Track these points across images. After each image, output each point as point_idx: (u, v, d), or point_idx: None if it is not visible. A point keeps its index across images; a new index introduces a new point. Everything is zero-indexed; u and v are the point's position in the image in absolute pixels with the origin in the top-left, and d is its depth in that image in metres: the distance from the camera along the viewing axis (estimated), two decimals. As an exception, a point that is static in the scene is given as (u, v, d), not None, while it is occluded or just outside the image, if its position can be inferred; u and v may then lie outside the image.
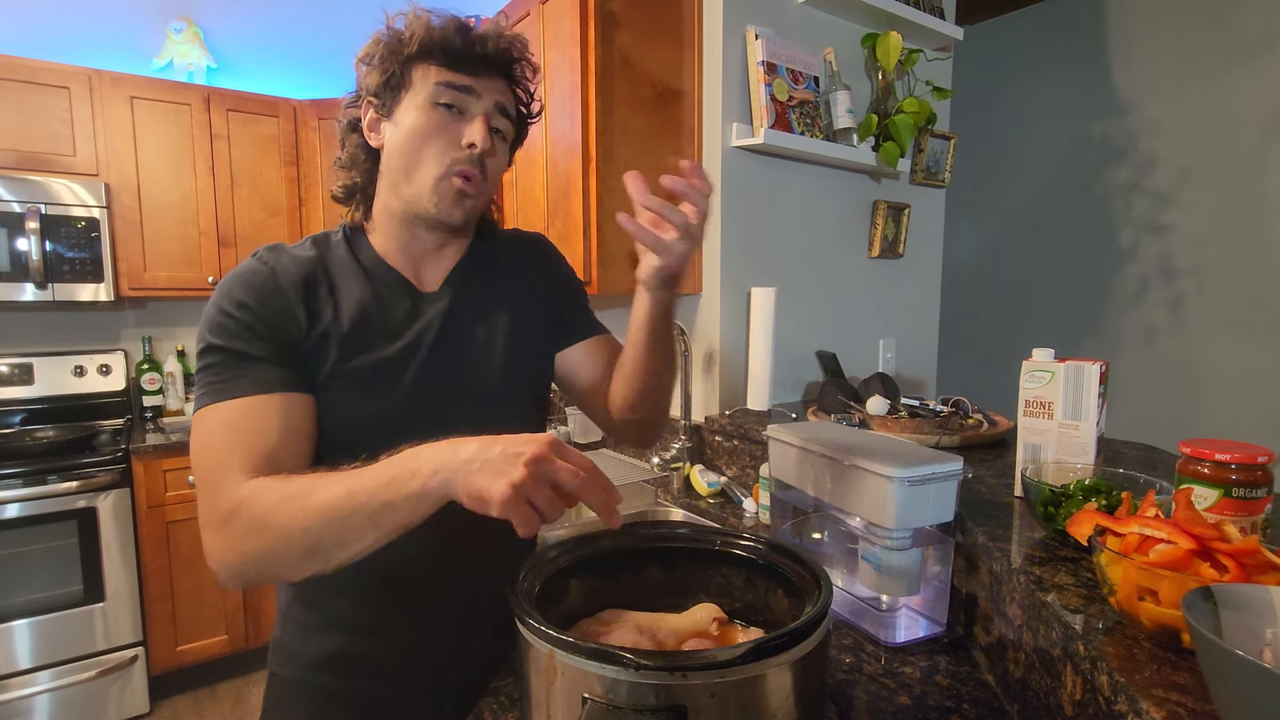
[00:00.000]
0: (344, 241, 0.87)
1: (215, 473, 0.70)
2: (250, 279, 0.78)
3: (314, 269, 0.82)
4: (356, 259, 0.86)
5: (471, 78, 0.81)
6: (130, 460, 2.35)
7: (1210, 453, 0.69)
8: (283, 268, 0.80)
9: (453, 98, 0.80)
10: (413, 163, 0.81)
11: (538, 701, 0.57)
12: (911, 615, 0.96)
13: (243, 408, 0.72)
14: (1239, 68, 2.30)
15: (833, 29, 1.92)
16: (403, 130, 0.81)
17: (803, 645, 0.55)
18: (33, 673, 2.21)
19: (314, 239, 0.87)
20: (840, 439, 0.97)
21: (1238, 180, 2.32)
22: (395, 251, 0.87)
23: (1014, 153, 2.99)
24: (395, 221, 0.86)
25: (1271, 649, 0.48)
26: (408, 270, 0.87)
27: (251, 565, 0.67)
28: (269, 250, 0.83)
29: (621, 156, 1.66)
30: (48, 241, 2.38)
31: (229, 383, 0.73)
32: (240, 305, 0.76)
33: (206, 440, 0.72)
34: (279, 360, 0.76)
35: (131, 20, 2.77)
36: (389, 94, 0.82)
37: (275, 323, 0.76)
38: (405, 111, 0.81)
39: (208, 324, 0.76)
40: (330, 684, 0.86)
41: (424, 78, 0.80)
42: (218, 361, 0.75)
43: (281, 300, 0.78)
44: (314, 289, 0.80)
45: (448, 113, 0.80)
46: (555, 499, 0.56)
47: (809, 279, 1.96)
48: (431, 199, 0.82)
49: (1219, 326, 2.39)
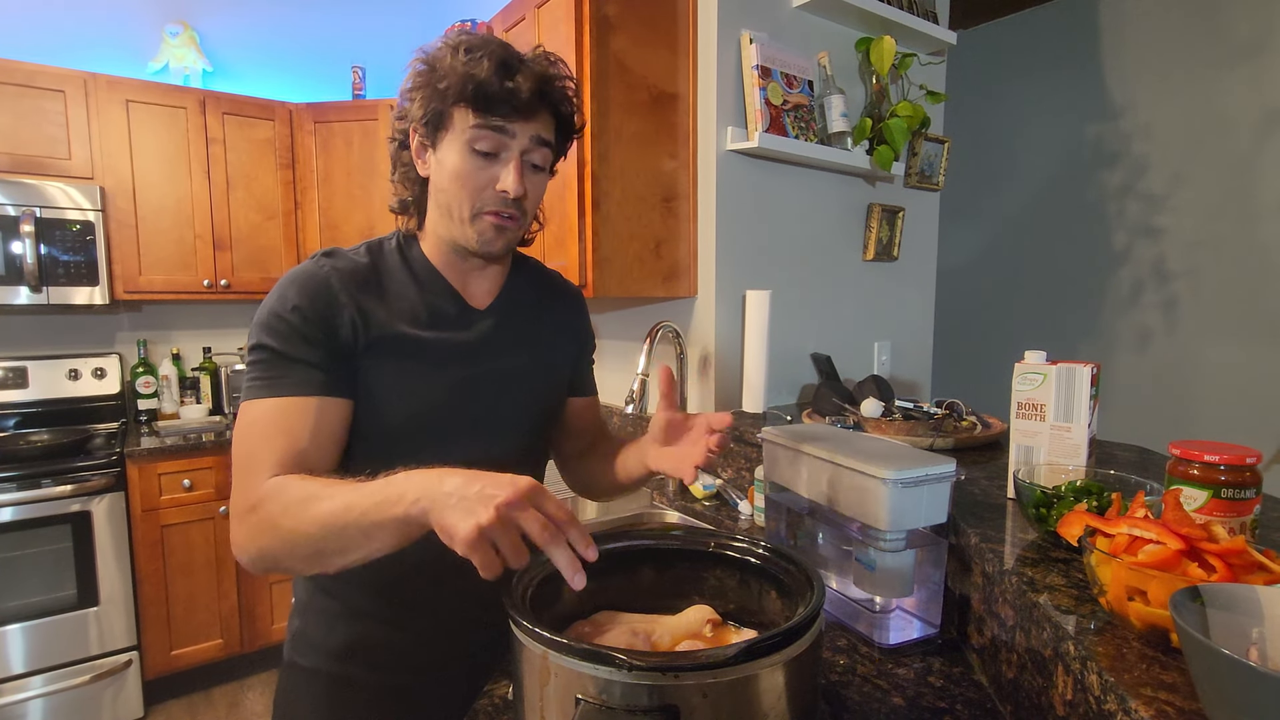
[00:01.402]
0: (397, 249, 0.90)
1: (247, 465, 0.75)
2: (306, 282, 0.81)
3: (368, 274, 0.85)
4: (409, 266, 0.89)
5: (506, 121, 0.82)
6: (125, 464, 2.34)
7: (1199, 454, 0.69)
8: (338, 272, 0.83)
9: (488, 144, 0.82)
10: (452, 201, 0.84)
11: (531, 703, 0.57)
12: (905, 617, 0.96)
13: (282, 407, 0.77)
14: (1231, 71, 2.31)
15: (827, 33, 1.93)
16: (444, 170, 0.83)
17: (795, 646, 0.55)
18: (26, 677, 2.20)
19: (368, 245, 0.90)
20: (835, 441, 0.98)
21: (1230, 183, 2.34)
22: (444, 265, 0.90)
23: (1008, 156, 3.00)
24: (443, 242, 0.89)
25: (1258, 648, 0.49)
26: (457, 283, 0.91)
27: (267, 558, 0.72)
28: (325, 255, 0.86)
29: (617, 160, 1.66)
30: (42, 245, 2.37)
31: (273, 381, 0.77)
32: (294, 309, 0.79)
33: (245, 432, 0.77)
34: (323, 364, 0.79)
35: (127, 24, 2.77)
36: (431, 129, 0.84)
37: (325, 326, 0.80)
38: (446, 150, 0.83)
39: (261, 323, 0.80)
40: (350, 673, 0.89)
41: (462, 119, 0.82)
42: (265, 359, 0.78)
43: (333, 304, 0.81)
44: (367, 293, 0.84)
45: (482, 158, 0.82)
46: (520, 546, 0.56)
47: (804, 282, 1.96)
48: (471, 235, 0.85)
49: (1212, 329, 2.40)
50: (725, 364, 1.83)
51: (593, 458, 1.05)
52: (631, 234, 1.71)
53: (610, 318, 2.23)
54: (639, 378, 1.63)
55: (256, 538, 0.71)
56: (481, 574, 0.55)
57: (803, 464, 1.00)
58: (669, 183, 1.77)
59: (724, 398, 1.83)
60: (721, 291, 1.80)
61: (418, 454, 0.72)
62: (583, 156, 1.63)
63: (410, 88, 0.85)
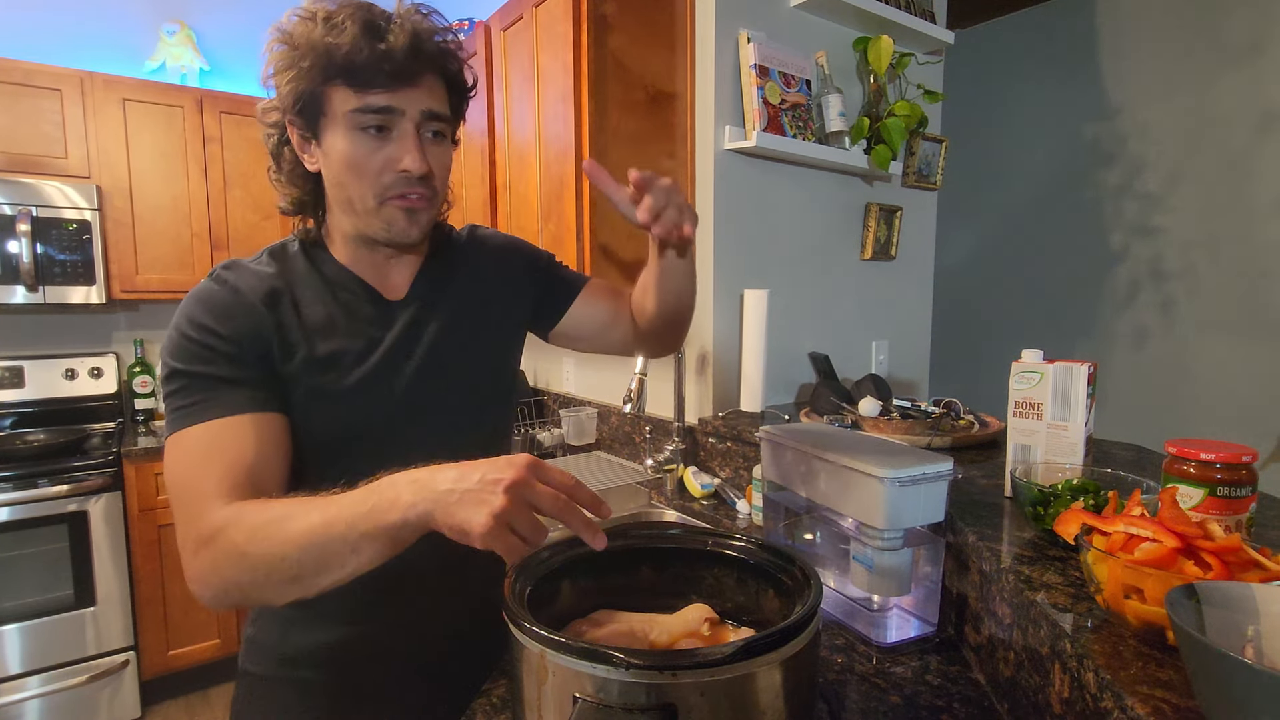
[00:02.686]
0: (302, 253, 0.84)
1: (192, 498, 0.68)
2: (210, 299, 0.75)
3: (276, 283, 0.79)
4: (318, 270, 0.83)
5: (390, 94, 0.74)
6: (122, 463, 2.34)
7: (1195, 452, 0.70)
8: (244, 284, 0.77)
9: (375, 120, 0.74)
10: (352, 193, 0.77)
11: (529, 701, 0.57)
12: (903, 615, 0.96)
13: (215, 430, 0.70)
14: (1228, 71, 2.32)
15: (824, 33, 1.93)
16: (334, 160, 0.76)
17: (793, 644, 0.55)
18: (22, 678, 2.19)
19: (270, 252, 0.84)
20: (832, 440, 0.98)
21: (1227, 183, 2.34)
22: (355, 261, 0.84)
23: (1005, 155, 3.01)
24: (349, 238, 0.83)
25: (1253, 645, 0.49)
26: (372, 278, 0.85)
27: (234, 591, 0.65)
28: (225, 269, 0.79)
29: (615, 159, 1.66)
30: (39, 244, 2.37)
31: (198, 406, 0.71)
32: (201, 328, 0.73)
33: (181, 465, 0.70)
34: (247, 380, 0.73)
35: (124, 22, 2.76)
36: (307, 117, 0.76)
37: (240, 341, 0.74)
38: (330, 137, 0.75)
39: (169, 348, 0.74)
40: (307, 677, 0.85)
41: (339, 99, 0.74)
42: (183, 386, 0.72)
43: (246, 318, 0.75)
44: (278, 304, 0.78)
45: (374, 136, 0.75)
46: (538, 524, 0.55)
47: (802, 281, 1.96)
48: (379, 226, 0.79)
49: (1209, 328, 2.41)
50: (723, 363, 1.83)
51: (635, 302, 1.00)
52: (630, 233, 1.71)
53: (608, 317, 2.22)
54: (636, 377, 1.63)
55: (219, 570, 0.64)
56: (507, 560, 0.54)
57: (800, 463, 1.00)
58: (667, 182, 1.77)
59: (721, 397, 1.83)
60: (719, 291, 1.80)
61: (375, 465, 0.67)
62: (580, 156, 1.63)
63: (273, 72, 0.75)
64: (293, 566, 0.60)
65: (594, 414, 2.19)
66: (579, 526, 0.56)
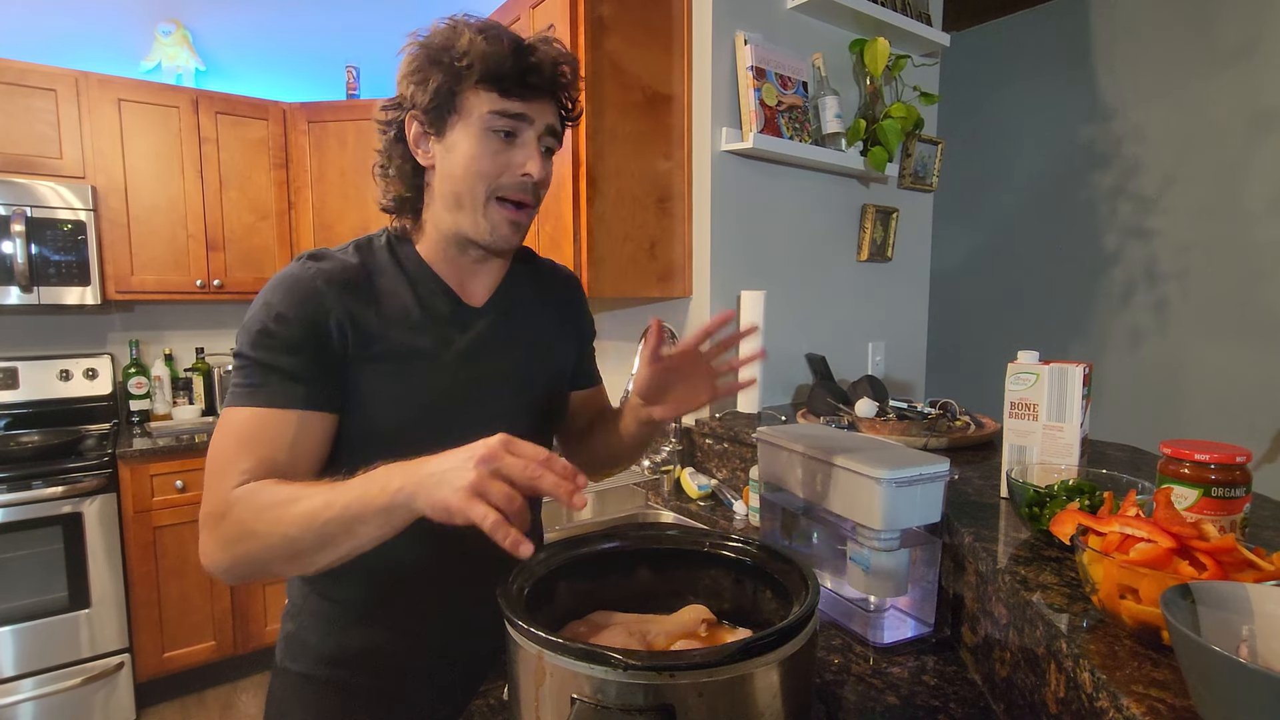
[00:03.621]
0: (387, 247, 0.87)
1: (219, 472, 0.73)
2: (292, 287, 0.78)
3: (358, 273, 0.82)
4: (400, 265, 0.86)
5: (525, 104, 0.80)
6: (117, 465, 2.33)
7: (1190, 453, 0.70)
8: (325, 275, 0.80)
9: (507, 125, 0.79)
10: (465, 190, 0.81)
11: (527, 703, 0.57)
12: (899, 616, 0.96)
13: (260, 417, 0.74)
14: (1221, 74, 2.33)
15: (821, 35, 1.93)
16: (456, 156, 0.80)
17: (790, 645, 0.55)
18: (16, 680, 2.18)
19: (357, 244, 0.87)
20: (829, 441, 0.98)
21: (1221, 185, 2.35)
22: (441, 262, 0.87)
23: (1001, 157, 3.02)
24: (444, 237, 0.86)
25: (1248, 645, 0.49)
26: (453, 281, 0.88)
27: (240, 564, 0.70)
28: (312, 257, 0.83)
29: (612, 160, 1.67)
30: (33, 244, 2.36)
31: (254, 390, 0.75)
32: (278, 316, 0.76)
33: (222, 442, 0.75)
34: (307, 375, 0.76)
35: (119, 22, 2.75)
36: (437, 114, 0.80)
37: (311, 334, 0.76)
38: (458, 135, 0.80)
39: (246, 329, 0.77)
40: (345, 677, 0.87)
41: (476, 103, 0.79)
42: (247, 366, 0.76)
43: (320, 309, 0.77)
44: (357, 293, 0.81)
45: (501, 140, 0.80)
46: (510, 492, 0.57)
47: (798, 282, 1.97)
48: (485, 227, 0.82)
49: (1203, 329, 2.42)
50: (720, 364, 1.83)
51: (597, 432, 1.04)
52: (626, 234, 1.71)
53: (605, 318, 2.23)
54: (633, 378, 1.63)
55: (229, 545, 0.69)
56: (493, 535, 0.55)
57: (798, 464, 1.00)
58: (664, 183, 1.77)
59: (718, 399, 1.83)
60: (716, 292, 1.80)
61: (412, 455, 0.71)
62: (578, 157, 1.63)
63: (413, 70, 0.80)
64: (293, 544, 0.66)
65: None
66: (550, 487, 0.58)
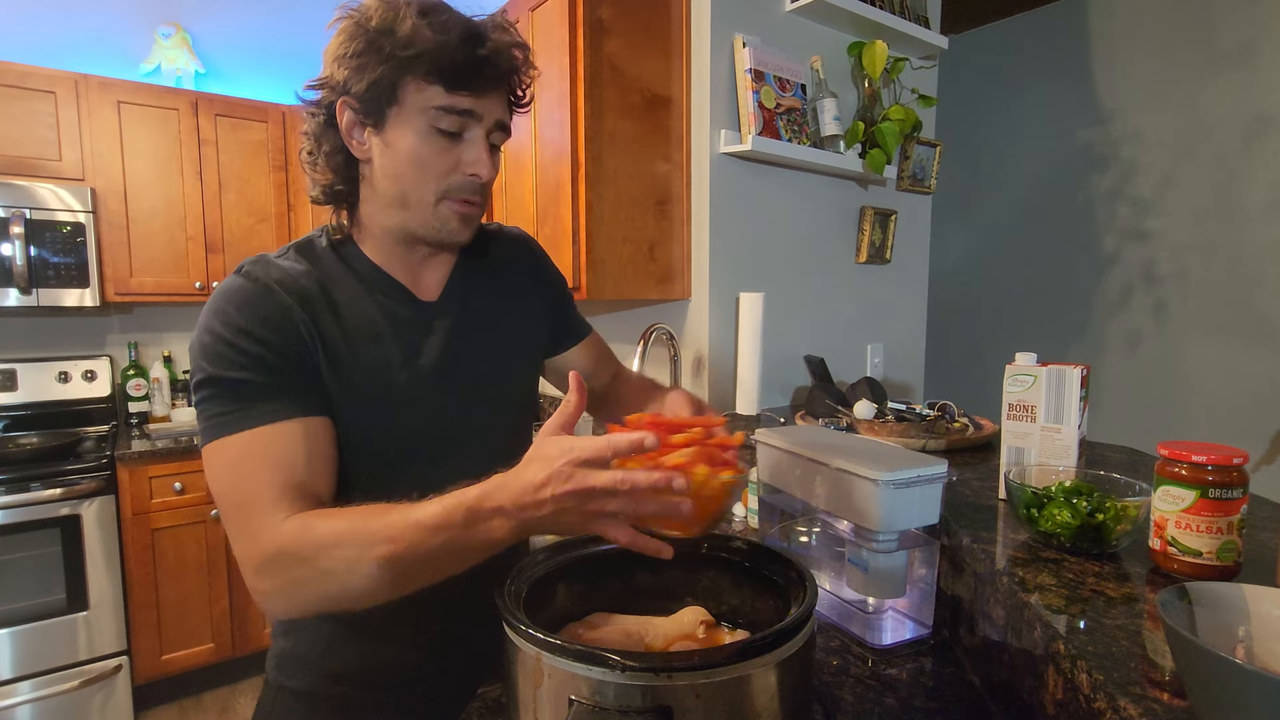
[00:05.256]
0: (331, 250, 0.81)
1: (249, 512, 0.66)
2: (243, 298, 0.71)
3: (309, 283, 0.75)
4: (351, 269, 0.80)
5: (474, 98, 0.73)
6: (115, 467, 2.32)
7: (1187, 454, 0.70)
8: (278, 283, 0.73)
9: (453, 124, 0.73)
10: (411, 191, 0.75)
11: (525, 704, 0.57)
12: (897, 617, 0.96)
13: (263, 438, 0.68)
14: (1219, 77, 2.34)
15: (819, 37, 1.94)
16: (396, 154, 0.74)
17: (788, 646, 0.55)
18: (13, 683, 2.18)
19: (296, 248, 0.80)
20: (827, 443, 0.98)
21: (1218, 187, 2.36)
22: (390, 260, 0.82)
23: (999, 160, 3.02)
24: (388, 234, 0.80)
25: (1244, 646, 0.49)
26: (405, 278, 0.82)
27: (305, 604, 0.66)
28: (255, 264, 0.75)
29: (611, 163, 1.67)
30: (32, 246, 2.36)
31: (238, 414, 0.68)
32: (235, 329, 0.69)
33: (230, 476, 0.67)
34: (288, 386, 0.70)
35: (119, 25, 2.76)
36: (373, 104, 0.73)
37: (279, 345, 0.71)
38: (397, 131, 0.73)
39: (201, 351, 0.70)
40: (345, 692, 0.83)
41: (419, 96, 0.72)
42: (219, 393, 0.69)
43: (282, 318, 0.72)
44: (314, 306, 0.74)
45: (446, 138, 0.74)
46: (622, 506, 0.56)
47: (797, 284, 1.97)
48: (432, 225, 0.77)
49: (1200, 331, 2.42)
50: (719, 366, 1.83)
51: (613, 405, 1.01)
52: (625, 237, 1.71)
53: (604, 320, 2.23)
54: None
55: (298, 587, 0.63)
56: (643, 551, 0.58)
57: (796, 466, 1.00)
58: (663, 185, 1.77)
59: (717, 400, 1.83)
60: (715, 294, 1.81)
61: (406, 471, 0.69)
62: (576, 159, 1.64)
63: (347, 54, 0.72)
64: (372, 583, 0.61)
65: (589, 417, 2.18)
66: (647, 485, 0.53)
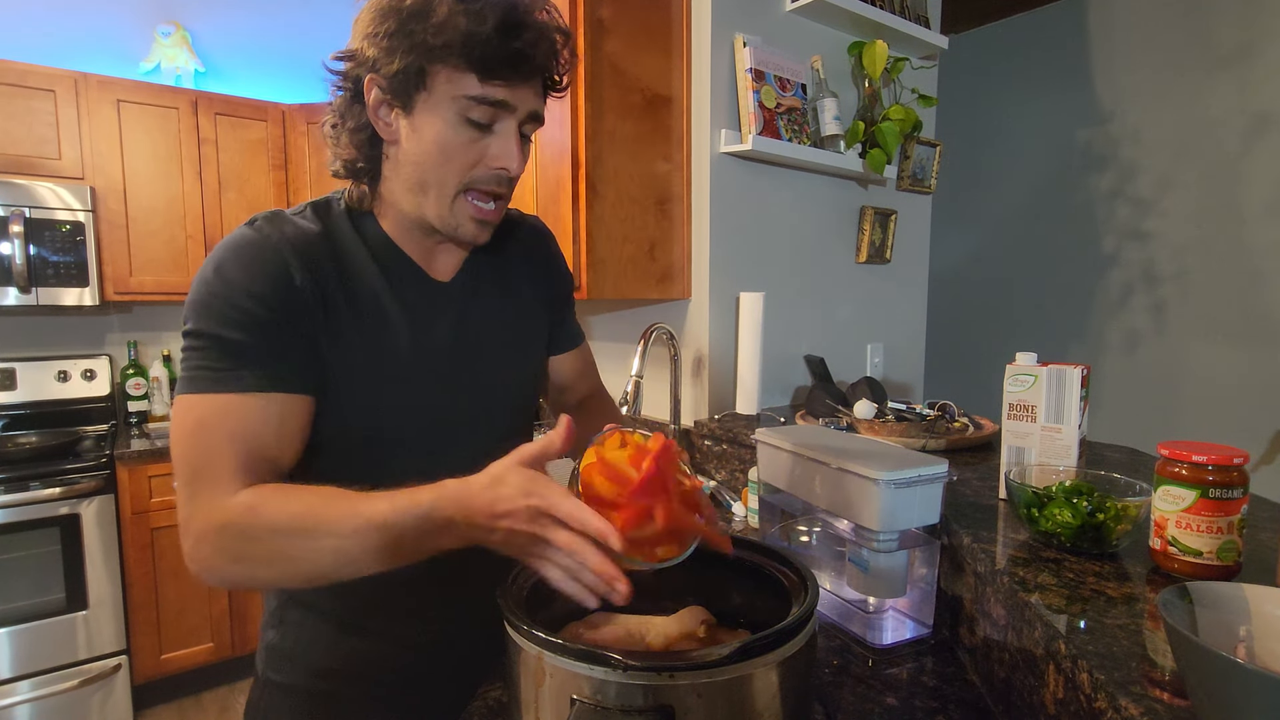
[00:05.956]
0: (347, 216, 0.78)
1: (202, 474, 0.65)
2: (253, 255, 0.68)
3: (319, 246, 0.73)
4: (364, 240, 0.77)
5: (508, 89, 0.70)
6: (115, 466, 2.32)
7: (1187, 454, 0.70)
8: (289, 242, 0.70)
9: (485, 115, 0.70)
10: (433, 179, 0.73)
11: (527, 704, 0.57)
12: (898, 617, 0.96)
13: (236, 405, 0.66)
14: (1218, 77, 2.34)
15: (820, 37, 1.94)
16: (422, 140, 0.71)
17: (789, 645, 0.55)
18: (13, 682, 2.18)
19: (314, 207, 0.77)
20: (828, 443, 0.98)
21: (1218, 187, 2.36)
22: (406, 240, 0.79)
23: (998, 160, 3.02)
24: (406, 217, 0.78)
25: (1246, 646, 0.49)
26: (419, 258, 0.80)
27: (242, 578, 0.67)
28: (268, 219, 0.72)
29: (611, 162, 1.67)
30: (32, 245, 2.36)
31: (222, 374, 0.66)
32: (233, 285, 0.67)
33: (194, 438, 0.65)
34: (279, 353, 0.68)
35: (119, 24, 2.75)
36: (401, 86, 0.70)
37: (279, 308, 0.68)
38: (426, 115, 0.70)
39: (195, 301, 0.67)
40: (337, 688, 0.83)
41: (450, 85, 0.69)
42: (209, 347, 0.67)
43: (287, 280, 0.69)
44: (321, 272, 0.71)
45: (476, 128, 0.71)
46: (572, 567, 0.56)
47: (797, 284, 1.97)
48: (448, 221, 0.75)
49: (1200, 331, 2.42)
50: (719, 366, 1.83)
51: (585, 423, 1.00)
52: (625, 236, 1.71)
53: (604, 319, 2.23)
54: (632, 380, 1.63)
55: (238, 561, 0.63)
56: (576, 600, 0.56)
57: (796, 465, 1.00)
58: (663, 185, 1.77)
59: (717, 399, 1.83)
60: (715, 293, 1.81)
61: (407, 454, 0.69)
62: (577, 159, 1.63)
63: (378, 33, 0.68)
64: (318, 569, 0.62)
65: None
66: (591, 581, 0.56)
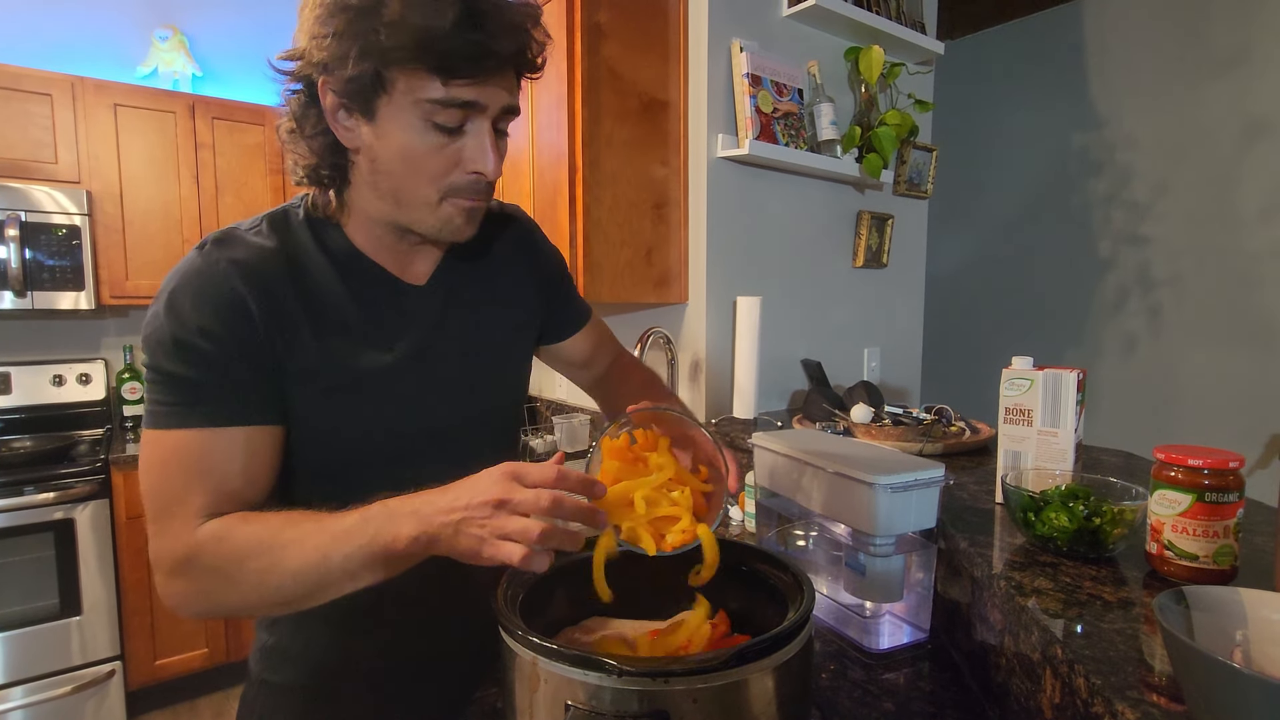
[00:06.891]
0: (308, 227, 0.73)
1: (169, 509, 0.64)
2: (197, 287, 0.66)
3: (276, 264, 0.69)
4: (326, 252, 0.73)
5: (476, 87, 0.64)
6: (110, 471, 2.31)
7: (1183, 458, 0.70)
8: (240, 268, 0.67)
9: (452, 118, 0.65)
10: (403, 186, 0.68)
11: (521, 710, 0.57)
12: (895, 622, 0.96)
13: (201, 440, 0.64)
14: (1213, 82, 2.35)
15: (816, 42, 1.94)
16: (388, 148, 0.66)
17: (785, 650, 0.55)
18: (6, 688, 2.16)
19: (270, 220, 0.73)
20: (825, 447, 0.98)
21: (1213, 192, 2.37)
22: (376, 249, 0.75)
23: (995, 164, 3.03)
24: (377, 223, 0.73)
25: (1242, 650, 0.49)
26: (391, 264, 0.76)
27: (218, 610, 0.67)
28: (217, 242, 0.69)
29: (608, 167, 1.67)
30: (27, 249, 2.35)
31: (185, 409, 0.65)
32: (185, 325, 0.65)
33: (160, 472, 0.65)
34: (240, 387, 0.66)
35: (116, 27, 2.75)
36: (358, 91, 0.64)
37: (228, 340, 0.65)
38: (389, 122, 0.65)
39: (152, 337, 0.66)
40: (334, 689, 0.82)
41: (412, 86, 0.63)
42: (165, 383, 0.65)
43: (236, 310, 0.66)
44: (274, 291, 0.68)
45: (445, 133, 0.66)
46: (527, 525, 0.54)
47: (794, 288, 1.97)
48: (432, 224, 0.71)
49: (1196, 335, 2.43)
50: (716, 370, 1.83)
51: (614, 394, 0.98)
52: (622, 240, 1.71)
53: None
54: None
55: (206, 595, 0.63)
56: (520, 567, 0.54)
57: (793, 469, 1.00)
58: (660, 189, 1.78)
59: (715, 403, 1.83)
60: (712, 298, 1.81)
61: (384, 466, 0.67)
62: (574, 163, 1.64)
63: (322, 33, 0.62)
64: (285, 595, 0.62)
65: (587, 420, 2.18)
66: (571, 516, 0.56)
